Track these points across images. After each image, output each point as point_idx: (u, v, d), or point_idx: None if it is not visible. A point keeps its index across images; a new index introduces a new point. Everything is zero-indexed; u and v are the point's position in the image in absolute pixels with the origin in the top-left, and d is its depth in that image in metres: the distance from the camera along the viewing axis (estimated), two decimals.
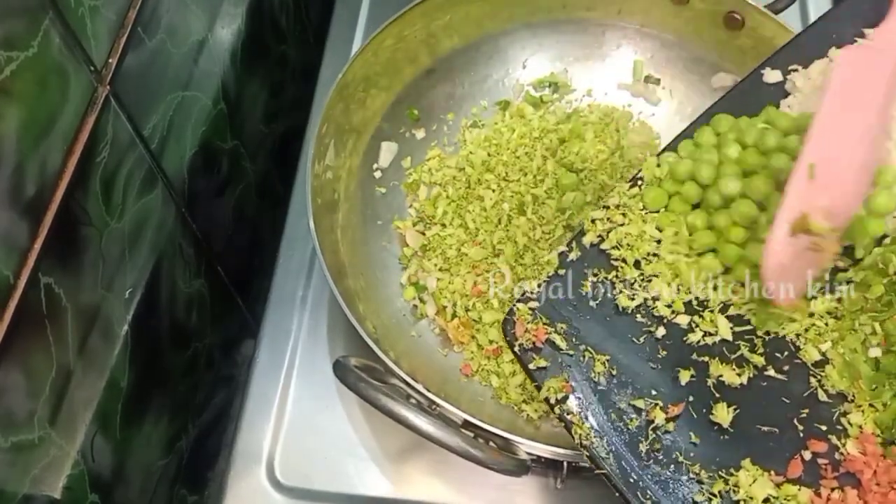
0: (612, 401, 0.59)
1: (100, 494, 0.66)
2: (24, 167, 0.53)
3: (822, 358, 0.60)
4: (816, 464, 0.56)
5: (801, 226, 0.59)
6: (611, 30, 0.85)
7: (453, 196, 0.80)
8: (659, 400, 0.59)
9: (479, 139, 0.84)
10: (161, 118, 0.71)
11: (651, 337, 0.61)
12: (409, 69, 0.83)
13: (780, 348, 0.60)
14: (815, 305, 0.61)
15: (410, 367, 0.66)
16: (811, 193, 0.59)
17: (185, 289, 0.79)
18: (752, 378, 0.59)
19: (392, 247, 0.80)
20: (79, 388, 0.62)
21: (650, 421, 0.58)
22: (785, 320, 0.61)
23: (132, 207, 0.67)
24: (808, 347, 0.60)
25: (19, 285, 0.54)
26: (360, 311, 0.70)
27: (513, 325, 0.62)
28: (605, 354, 0.60)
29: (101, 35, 0.60)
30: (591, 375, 0.60)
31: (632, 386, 0.59)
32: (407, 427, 0.58)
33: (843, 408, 0.58)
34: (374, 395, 0.59)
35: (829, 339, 0.61)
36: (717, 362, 0.59)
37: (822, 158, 0.59)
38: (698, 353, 0.60)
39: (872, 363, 0.59)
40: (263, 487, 0.72)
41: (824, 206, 0.59)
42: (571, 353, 0.61)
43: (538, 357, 0.60)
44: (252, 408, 0.75)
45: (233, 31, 0.84)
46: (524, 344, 0.61)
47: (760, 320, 0.61)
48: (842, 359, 0.60)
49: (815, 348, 0.60)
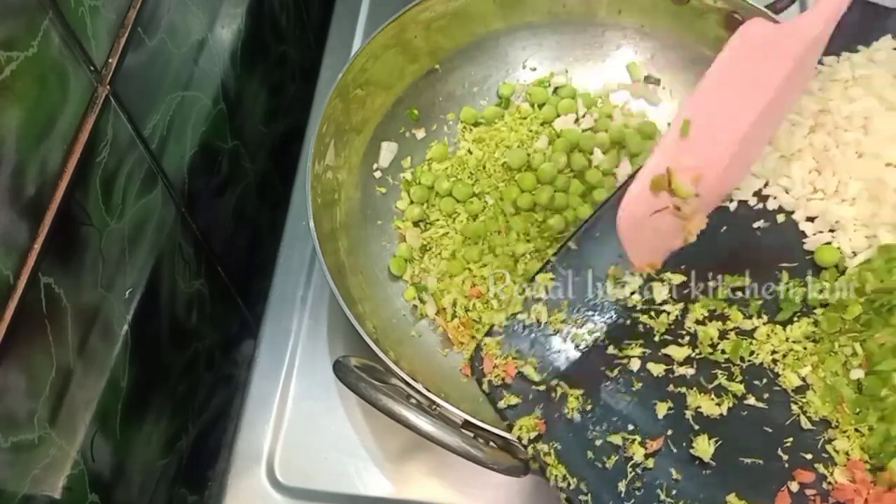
0: (587, 438, 0.56)
1: (99, 494, 0.66)
2: (24, 167, 0.53)
3: (803, 383, 0.58)
4: (804, 495, 0.54)
5: (662, 182, 0.58)
6: (611, 30, 0.85)
7: (454, 196, 0.80)
8: (636, 435, 0.56)
9: (478, 139, 0.84)
10: (161, 118, 0.71)
11: (625, 369, 0.59)
12: (409, 69, 0.83)
13: (758, 375, 0.58)
14: (791, 330, 0.60)
15: (410, 367, 0.66)
16: (681, 151, 0.57)
17: (185, 289, 0.79)
18: (731, 408, 0.57)
19: (392, 246, 0.80)
20: (79, 388, 0.62)
21: (628, 458, 0.55)
22: (757, 345, 0.59)
23: (132, 207, 0.67)
24: (788, 373, 0.58)
25: (19, 285, 0.54)
26: (359, 310, 0.70)
27: (480, 361, 0.59)
28: (579, 388, 0.58)
29: (101, 35, 0.60)
30: (564, 411, 0.57)
31: (607, 421, 0.57)
32: (407, 427, 0.58)
33: (827, 434, 0.56)
34: (375, 395, 0.59)
35: (809, 363, 0.59)
36: (694, 393, 0.57)
37: (700, 118, 0.57)
38: (675, 384, 0.58)
39: (854, 385, 0.57)
40: (263, 487, 0.72)
41: (691, 166, 0.57)
42: (543, 388, 0.58)
43: (508, 394, 0.58)
44: (252, 408, 0.75)
45: (233, 31, 0.84)
46: (493, 380, 0.59)
47: (733, 347, 0.59)
48: (823, 383, 0.58)
49: (794, 374, 0.58)
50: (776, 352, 0.59)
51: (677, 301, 0.61)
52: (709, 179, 0.59)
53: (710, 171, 0.58)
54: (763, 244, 0.64)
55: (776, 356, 0.59)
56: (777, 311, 0.60)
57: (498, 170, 0.82)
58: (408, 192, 0.82)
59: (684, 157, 0.57)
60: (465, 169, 0.82)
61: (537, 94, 0.85)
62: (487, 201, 0.80)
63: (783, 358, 0.59)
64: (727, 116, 0.58)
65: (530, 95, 0.85)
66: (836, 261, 0.61)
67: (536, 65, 0.87)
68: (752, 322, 0.60)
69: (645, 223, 0.59)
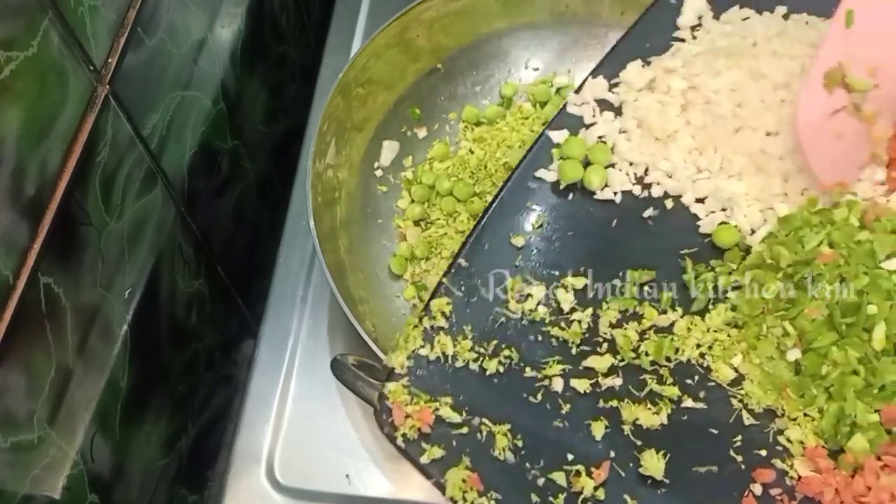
0: (527, 479, 0.51)
1: (99, 494, 0.66)
2: (23, 167, 0.53)
3: (737, 374, 0.54)
4: (770, 496, 0.50)
5: (836, 77, 0.52)
6: (614, 30, 0.85)
7: (455, 195, 0.80)
8: (579, 465, 0.51)
9: (480, 139, 0.84)
10: (161, 118, 0.71)
11: (549, 392, 0.54)
12: (411, 68, 0.83)
13: (689, 373, 0.54)
14: (709, 319, 0.56)
15: None
16: (849, 43, 0.52)
17: (184, 288, 0.79)
18: (670, 414, 0.53)
19: (392, 245, 0.80)
20: (78, 388, 0.62)
21: (577, 493, 0.50)
22: (680, 340, 0.56)
23: (132, 207, 0.67)
24: (719, 365, 0.54)
25: (19, 285, 0.53)
26: (359, 310, 0.70)
27: (388, 413, 0.53)
28: (505, 423, 0.53)
29: (100, 35, 0.60)
30: (495, 454, 0.52)
31: (543, 456, 0.52)
32: None
33: (776, 425, 0.52)
34: (371, 393, 0.59)
35: (738, 351, 0.55)
36: (628, 405, 0.53)
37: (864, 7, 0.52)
38: (604, 398, 0.54)
39: (793, 367, 0.54)
40: (263, 487, 0.72)
41: (865, 57, 0.52)
42: (466, 430, 0.52)
43: (430, 446, 0.52)
44: (252, 407, 0.75)
45: (233, 30, 0.84)
46: (408, 434, 0.52)
47: (656, 347, 0.55)
48: (759, 370, 0.54)
49: (725, 365, 0.54)
50: (700, 345, 0.56)
51: (585, 307, 0.58)
52: (885, 73, 0.52)
53: (884, 62, 0.52)
54: (657, 233, 0.61)
55: (702, 349, 0.55)
56: (690, 301, 0.57)
57: (499, 170, 0.82)
58: (409, 191, 0.82)
59: (855, 49, 0.52)
60: (466, 168, 0.82)
61: (539, 94, 0.85)
62: (488, 201, 0.80)
63: (709, 350, 0.55)
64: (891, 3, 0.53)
65: (532, 95, 0.85)
66: (737, 240, 0.59)
67: (539, 64, 0.87)
68: (667, 317, 0.57)
69: (825, 128, 0.53)
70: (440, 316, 0.57)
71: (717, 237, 0.60)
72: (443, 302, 0.57)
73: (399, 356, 0.56)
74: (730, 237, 0.59)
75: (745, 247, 0.59)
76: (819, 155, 0.55)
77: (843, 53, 0.52)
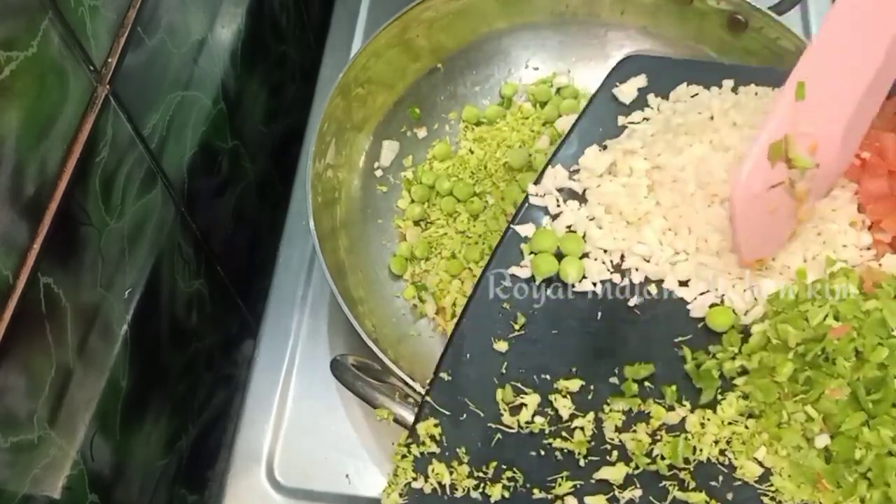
0: None
1: (99, 494, 0.66)
2: (23, 167, 0.53)
3: (764, 469, 0.50)
4: None
5: (780, 150, 0.51)
6: (614, 30, 0.85)
7: (455, 195, 0.80)
8: None
9: (480, 139, 0.84)
10: (161, 118, 0.71)
11: None
12: (411, 68, 0.83)
13: (711, 474, 0.50)
14: (721, 411, 0.52)
15: (409, 365, 0.66)
16: (797, 116, 0.52)
17: (184, 288, 0.79)
18: None
19: (392, 245, 0.80)
20: (78, 388, 0.62)
21: None
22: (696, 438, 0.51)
23: (132, 207, 0.67)
24: (742, 461, 0.50)
25: (19, 285, 0.53)
26: (359, 310, 0.70)
27: None
28: None
29: (100, 35, 0.60)
30: None
31: None
32: (403, 426, 0.58)
33: None
34: (371, 394, 0.59)
35: (760, 442, 0.51)
36: None
37: (814, 81, 0.52)
38: None
39: (823, 455, 0.49)
40: (263, 487, 0.72)
41: (808, 133, 0.51)
42: None
43: None
44: (252, 407, 0.75)
45: (233, 30, 0.84)
46: None
47: (671, 449, 0.51)
48: (787, 461, 0.50)
49: (750, 461, 0.50)
50: (718, 440, 0.52)
51: (585, 411, 0.53)
52: (824, 152, 0.52)
53: (826, 141, 0.52)
54: (647, 322, 0.57)
55: (721, 445, 0.51)
56: (697, 393, 0.53)
57: (499, 170, 0.82)
58: (409, 191, 0.82)
59: (801, 123, 0.51)
60: (466, 168, 0.82)
61: (539, 94, 0.85)
62: (488, 201, 0.80)
63: (729, 445, 0.51)
64: (841, 81, 0.52)
65: (532, 95, 0.85)
66: (731, 322, 0.55)
67: (539, 64, 0.87)
68: (677, 413, 0.53)
69: (760, 202, 0.52)
70: (429, 441, 0.53)
71: (710, 320, 0.56)
72: (430, 424, 0.53)
73: (391, 495, 0.51)
74: (725, 319, 0.56)
75: (741, 327, 0.56)
76: (749, 229, 0.54)
77: (790, 125, 0.51)
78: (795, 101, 0.52)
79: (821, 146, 0.52)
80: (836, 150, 0.53)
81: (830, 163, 0.53)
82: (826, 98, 0.52)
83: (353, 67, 0.76)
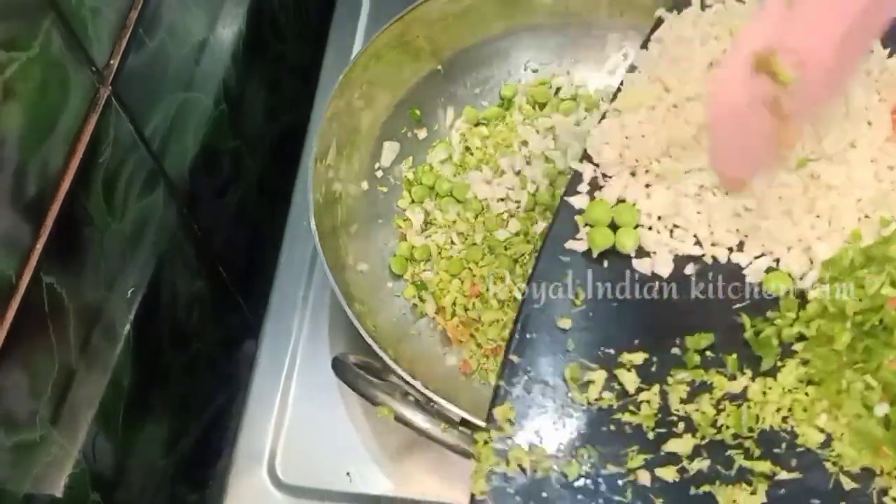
0: None
1: (101, 493, 0.66)
2: (26, 167, 0.53)
3: (826, 435, 0.50)
4: None
5: (765, 62, 0.47)
6: (613, 32, 0.85)
7: (454, 196, 0.80)
8: None
9: (480, 140, 0.84)
10: (163, 119, 0.71)
11: (637, 488, 0.50)
12: (411, 69, 0.83)
13: (775, 441, 0.50)
14: (782, 378, 0.52)
15: (410, 364, 0.66)
16: (785, 27, 0.48)
17: (186, 288, 0.79)
18: (768, 491, 0.49)
19: (392, 245, 0.80)
20: (81, 388, 0.62)
21: None
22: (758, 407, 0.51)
23: (134, 207, 0.67)
24: (804, 429, 0.50)
25: (21, 285, 0.54)
26: (359, 309, 0.70)
27: None
28: None
29: (102, 36, 0.60)
30: None
31: None
32: (404, 423, 0.58)
33: (876, 485, 0.48)
34: (372, 392, 0.59)
35: (821, 409, 0.51)
36: (721, 488, 0.49)
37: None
38: (695, 485, 0.50)
39: (883, 422, 0.49)
40: (265, 486, 0.72)
41: (794, 49, 0.48)
42: None
43: None
44: (253, 407, 0.75)
45: (234, 31, 0.84)
46: None
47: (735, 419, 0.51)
48: (848, 429, 0.50)
49: (812, 428, 0.50)
50: (780, 408, 0.52)
51: (650, 384, 0.53)
52: (811, 71, 0.48)
53: (813, 60, 0.48)
54: (704, 290, 0.56)
55: (782, 413, 0.51)
56: (757, 361, 0.53)
57: (498, 171, 0.82)
58: (409, 192, 0.82)
59: (788, 36, 0.47)
60: (466, 169, 0.82)
61: (539, 95, 0.85)
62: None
63: (790, 412, 0.51)
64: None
65: (532, 96, 0.85)
66: (788, 286, 0.54)
67: (538, 66, 0.87)
68: (739, 383, 0.53)
69: (737, 120, 0.50)
70: (507, 424, 0.52)
71: (767, 285, 0.55)
72: (506, 408, 0.53)
73: (477, 482, 0.50)
74: (782, 282, 0.55)
75: (798, 292, 0.55)
76: (726, 149, 0.53)
77: (775, 35, 0.47)
78: (786, 11, 0.48)
79: (809, 65, 0.48)
80: (823, 72, 0.49)
81: (816, 85, 0.50)
82: (818, 13, 0.48)
83: (353, 68, 0.76)
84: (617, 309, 0.57)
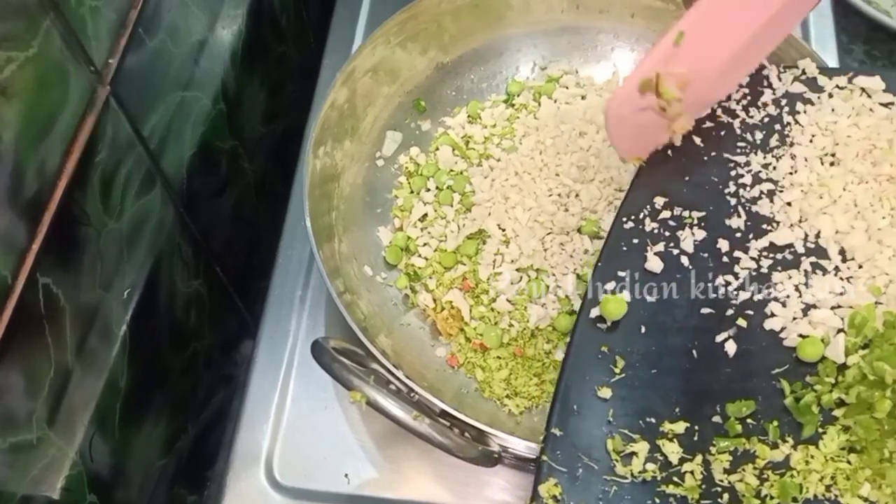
0: None
1: (98, 495, 0.66)
2: (23, 167, 0.53)
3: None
4: None
5: (649, 85, 0.58)
6: (623, 33, 0.85)
7: (453, 188, 0.80)
8: None
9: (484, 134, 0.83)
10: (161, 118, 0.71)
11: None
12: (418, 60, 0.83)
13: None
14: (824, 446, 0.52)
15: (397, 354, 0.66)
16: (672, 59, 0.58)
17: (183, 289, 0.79)
18: None
19: (388, 234, 0.80)
20: (77, 389, 0.62)
21: None
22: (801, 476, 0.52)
23: (131, 208, 0.67)
24: (849, 499, 0.50)
25: (17, 285, 0.53)
26: (349, 299, 0.70)
27: None
28: None
29: (101, 35, 0.60)
30: None
31: None
32: (375, 409, 0.58)
33: None
34: (346, 377, 0.58)
35: (864, 478, 0.50)
36: None
37: (696, 31, 0.59)
38: None
39: None
40: (262, 487, 0.72)
41: (680, 74, 0.58)
42: None
43: None
44: (251, 408, 0.75)
45: (233, 31, 0.84)
46: None
47: (780, 489, 0.51)
48: (893, 499, 0.50)
49: (855, 497, 0.50)
50: (823, 477, 0.52)
51: (693, 454, 0.53)
52: (697, 87, 0.59)
53: (699, 78, 0.59)
54: (742, 355, 0.56)
55: (826, 482, 0.51)
56: (799, 428, 0.53)
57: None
58: (408, 182, 0.82)
59: (674, 65, 0.58)
60: (467, 163, 0.82)
61: (546, 93, 0.85)
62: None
63: (834, 482, 0.51)
64: (724, 31, 0.60)
65: (538, 94, 0.85)
66: (822, 352, 0.54)
67: (547, 64, 0.87)
68: (781, 451, 0.53)
69: (630, 120, 0.60)
70: (552, 501, 0.52)
71: (801, 352, 0.55)
72: (551, 485, 0.52)
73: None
74: (815, 350, 0.55)
75: None
76: (622, 139, 0.62)
77: (662, 65, 0.59)
78: (672, 46, 0.58)
79: (696, 80, 0.59)
80: (708, 86, 0.61)
81: (702, 94, 0.62)
82: (705, 45, 0.59)
83: (359, 55, 0.76)
84: (656, 376, 0.56)
